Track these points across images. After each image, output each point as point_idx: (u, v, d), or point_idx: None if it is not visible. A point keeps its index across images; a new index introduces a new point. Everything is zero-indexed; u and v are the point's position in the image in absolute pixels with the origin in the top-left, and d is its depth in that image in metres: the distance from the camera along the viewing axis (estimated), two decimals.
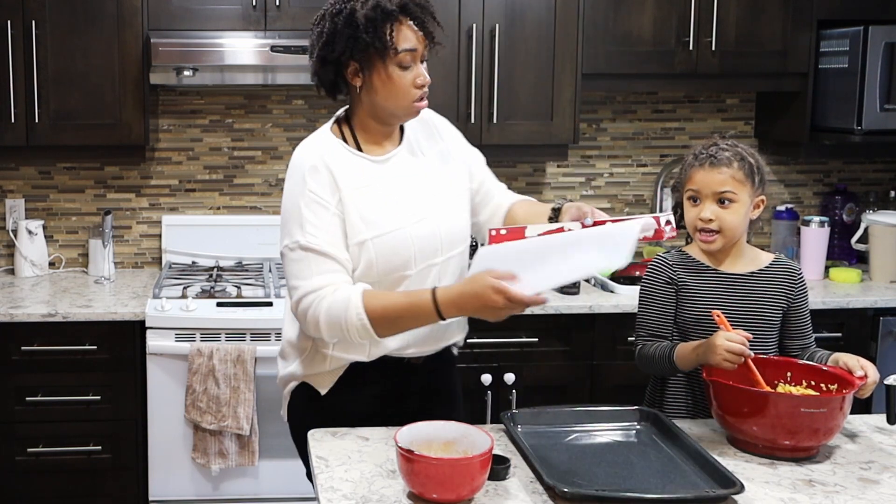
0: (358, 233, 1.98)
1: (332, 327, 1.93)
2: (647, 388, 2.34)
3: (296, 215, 1.98)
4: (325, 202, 1.97)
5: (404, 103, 2.00)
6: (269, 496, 3.14)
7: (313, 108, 3.74)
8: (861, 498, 1.75)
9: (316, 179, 1.98)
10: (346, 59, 1.97)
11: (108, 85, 3.29)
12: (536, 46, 3.38)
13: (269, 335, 3.07)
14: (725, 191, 2.14)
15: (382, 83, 1.98)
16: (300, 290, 1.96)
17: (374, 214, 1.99)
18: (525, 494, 1.74)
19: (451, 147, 2.17)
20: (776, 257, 2.25)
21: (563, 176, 3.86)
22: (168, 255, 3.66)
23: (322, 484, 1.78)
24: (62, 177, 3.69)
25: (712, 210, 2.15)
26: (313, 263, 1.95)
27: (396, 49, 1.94)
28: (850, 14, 3.49)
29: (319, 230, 1.96)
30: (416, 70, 1.98)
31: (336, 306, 1.92)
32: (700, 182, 2.16)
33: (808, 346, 2.22)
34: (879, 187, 3.96)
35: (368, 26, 1.92)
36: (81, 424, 3.12)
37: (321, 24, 2.00)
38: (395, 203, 2.02)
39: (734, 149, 2.18)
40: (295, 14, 3.31)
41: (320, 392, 2.11)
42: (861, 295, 3.33)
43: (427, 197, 2.07)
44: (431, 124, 2.17)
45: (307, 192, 1.97)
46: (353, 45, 1.94)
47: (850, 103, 3.40)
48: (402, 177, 2.06)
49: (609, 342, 3.24)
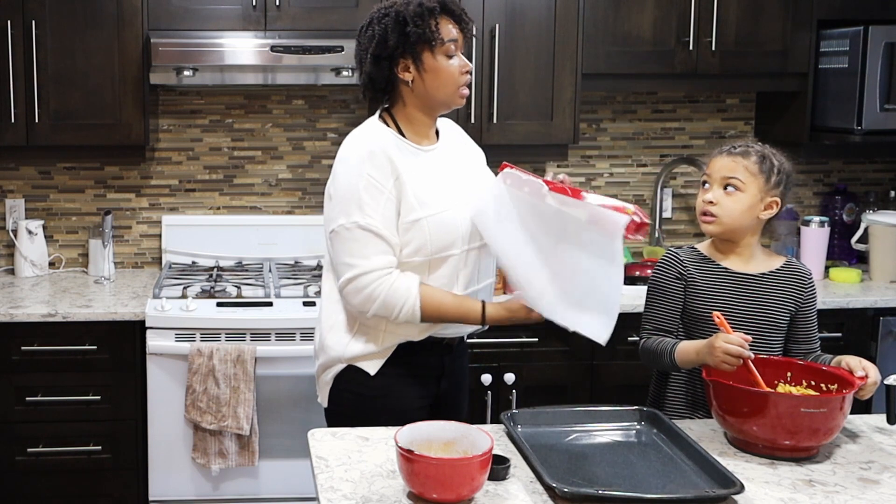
0: (412, 211, 2.13)
1: (385, 308, 2.10)
2: (651, 386, 2.34)
3: (354, 196, 2.11)
4: (382, 185, 2.11)
5: (452, 90, 2.18)
6: (269, 496, 3.14)
7: (313, 108, 3.74)
8: (861, 498, 1.75)
9: (373, 164, 2.11)
10: (398, 55, 2.15)
11: (108, 85, 3.29)
12: (536, 46, 3.38)
13: (269, 335, 3.07)
14: (733, 177, 2.15)
15: (433, 73, 2.16)
16: (358, 268, 2.10)
17: (428, 196, 2.15)
18: (525, 494, 1.74)
19: (477, 156, 2.38)
20: (787, 260, 2.25)
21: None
22: (168, 255, 3.66)
23: (322, 484, 1.78)
24: (62, 177, 3.69)
25: (716, 194, 2.17)
26: (371, 244, 2.10)
27: (443, 39, 2.14)
28: (850, 14, 3.49)
29: (377, 212, 2.10)
30: (460, 59, 2.18)
31: (397, 293, 2.09)
32: (713, 167, 2.19)
33: (812, 350, 2.22)
34: (879, 187, 3.96)
35: (416, 20, 2.12)
36: (81, 424, 3.12)
37: (370, 29, 2.19)
38: (444, 187, 2.19)
39: (761, 147, 2.19)
40: (295, 14, 3.31)
41: (369, 373, 2.20)
42: (861, 295, 3.33)
43: (467, 186, 2.24)
44: (458, 131, 2.39)
45: (365, 175, 2.11)
46: (404, 40, 2.13)
47: (850, 103, 3.40)
48: (446, 166, 2.24)
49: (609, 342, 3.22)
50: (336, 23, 3.32)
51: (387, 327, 2.18)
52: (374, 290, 2.09)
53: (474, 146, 2.40)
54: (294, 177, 3.76)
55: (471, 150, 2.37)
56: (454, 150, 2.30)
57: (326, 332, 2.25)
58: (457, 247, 2.17)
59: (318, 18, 3.32)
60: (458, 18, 2.18)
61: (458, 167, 2.27)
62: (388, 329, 2.18)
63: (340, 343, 2.22)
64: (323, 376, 2.27)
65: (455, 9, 2.18)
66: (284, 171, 3.75)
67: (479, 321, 2.15)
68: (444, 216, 2.15)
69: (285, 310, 3.11)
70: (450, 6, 2.17)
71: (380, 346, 2.19)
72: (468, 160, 2.33)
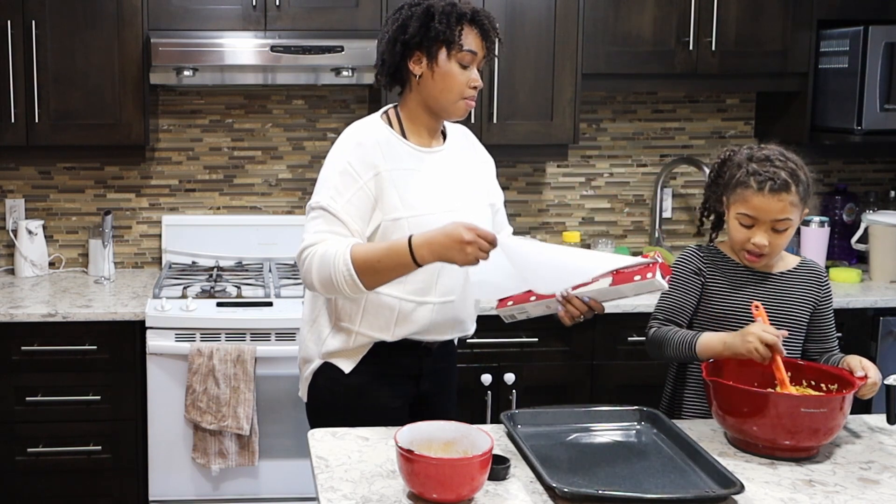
0: (394, 210, 2.11)
1: (323, 276, 2.04)
2: (667, 386, 2.32)
3: (329, 180, 2.12)
4: (357, 175, 2.10)
5: (455, 98, 2.15)
6: (269, 496, 3.14)
7: (313, 108, 3.74)
8: (861, 498, 1.75)
9: (356, 154, 2.11)
10: (414, 44, 2.12)
11: (108, 85, 3.29)
12: (536, 46, 3.38)
13: (269, 335, 3.07)
14: (784, 219, 2.10)
15: (441, 75, 2.13)
16: (304, 242, 2.09)
17: (412, 197, 2.13)
18: (525, 494, 1.74)
19: (483, 166, 2.35)
20: (802, 259, 2.25)
21: (563, 176, 3.86)
22: (168, 255, 3.66)
23: (322, 484, 1.78)
24: (62, 177, 3.69)
25: (767, 236, 2.12)
26: (323, 223, 2.09)
27: (461, 46, 2.12)
28: (850, 14, 3.49)
29: (342, 197, 2.09)
30: (472, 73, 2.15)
31: (327, 256, 2.04)
32: (759, 209, 2.10)
33: (829, 350, 2.22)
34: (879, 187, 3.96)
35: (442, 18, 2.10)
36: (81, 424, 3.12)
37: (398, 13, 2.16)
38: (431, 191, 2.16)
39: (787, 165, 2.11)
40: (295, 14, 3.31)
41: (343, 371, 2.19)
42: (861, 295, 3.33)
43: (460, 192, 2.22)
44: (472, 139, 2.36)
45: (344, 162, 2.12)
46: (424, 32, 2.11)
47: (850, 103, 3.40)
48: (442, 170, 2.21)
49: (609, 342, 3.24)
50: (336, 23, 3.32)
51: (359, 327, 2.17)
52: (310, 260, 2.05)
53: (485, 156, 2.36)
54: (294, 177, 3.76)
55: (479, 160, 2.33)
56: (459, 155, 2.27)
57: (307, 327, 2.28)
58: None
59: (318, 18, 3.32)
60: (484, 33, 2.14)
61: (457, 173, 2.23)
62: (359, 329, 2.17)
63: (318, 339, 2.23)
64: (303, 371, 2.29)
65: (485, 23, 2.14)
66: (284, 171, 3.75)
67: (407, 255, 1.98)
68: (427, 219, 2.09)
69: (285, 310, 3.11)
70: (481, 18, 2.13)
71: (353, 344, 2.19)
72: (472, 168, 2.29)
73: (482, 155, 2.36)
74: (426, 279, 2.14)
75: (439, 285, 2.17)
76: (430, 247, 1.97)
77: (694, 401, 2.24)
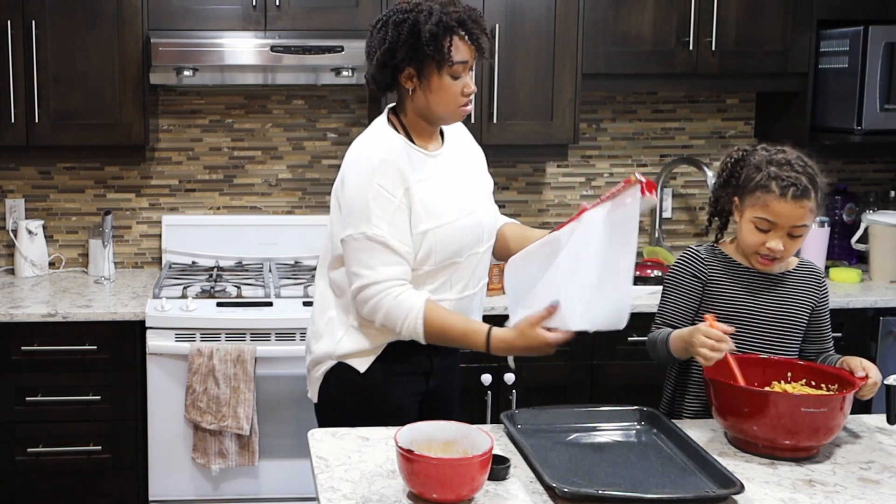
0: (420, 222, 2.12)
1: (388, 322, 2.09)
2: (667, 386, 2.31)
3: (363, 207, 2.10)
4: (391, 195, 2.10)
5: (451, 108, 2.15)
6: (269, 496, 3.14)
7: (313, 108, 3.74)
8: (861, 498, 1.75)
9: (383, 173, 2.10)
10: (404, 66, 2.11)
11: (108, 85, 3.29)
12: (536, 46, 3.38)
13: (269, 335, 3.07)
14: (802, 224, 2.10)
15: (434, 90, 2.13)
16: (364, 278, 2.10)
17: (435, 206, 2.15)
18: (525, 494, 1.74)
19: (478, 158, 2.36)
20: (800, 261, 2.24)
21: (563, 176, 3.86)
22: (168, 255, 3.66)
23: (322, 484, 1.78)
24: (62, 177, 3.69)
25: (783, 241, 2.10)
26: (377, 254, 2.09)
27: (452, 61, 2.09)
28: (850, 14, 3.49)
29: (384, 222, 2.09)
30: (465, 80, 2.13)
31: (399, 309, 2.08)
32: (779, 214, 2.08)
33: (825, 350, 2.22)
34: (879, 187, 3.96)
35: (430, 41, 2.06)
36: (81, 424, 3.12)
37: (383, 31, 2.12)
38: (450, 196, 2.18)
39: (806, 170, 2.10)
40: (295, 14, 3.31)
41: (359, 370, 2.20)
42: (861, 295, 3.33)
43: (472, 192, 2.25)
44: (461, 131, 2.35)
45: (375, 185, 2.09)
46: (413, 55, 2.09)
47: (850, 103, 3.40)
48: (451, 172, 2.22)
49: (609, 342, 3.24)
50: (336, 23, 3.32)
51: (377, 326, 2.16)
52: (378, 301, 2.08)
53: (475, 146, 2.38)
54: (294, 177, 3.76)
55: (473, 152, 2.35)
56: (458, 153, 2.28)
57: (319, 328, 2.27)
58: (462, 255, 2.18)
59: (318, 18, 3.32)
60: (473, 38, 2.11)
61: (462, 172, 2.25)
62: (378, 328, 2.17)
63: (332, 340, 2.22)
64: (313, 372, 2.28)
65: (474, 30, 2.11)
66: (284, 171, 3.75)
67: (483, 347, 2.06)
68: (452, 227, 2.14)
69: (285, 310, 3.11)
70: (469, 26, 2.10)
71: (371, 345, 2.19)
72: (471, 164, 2.31)
73: (473, 146, 2.37)
74: (445, 278, 2.18)
75: (458, 281, 2.20)
76: (511, 350, 2.06)
77: (694, 401, 2.24)
